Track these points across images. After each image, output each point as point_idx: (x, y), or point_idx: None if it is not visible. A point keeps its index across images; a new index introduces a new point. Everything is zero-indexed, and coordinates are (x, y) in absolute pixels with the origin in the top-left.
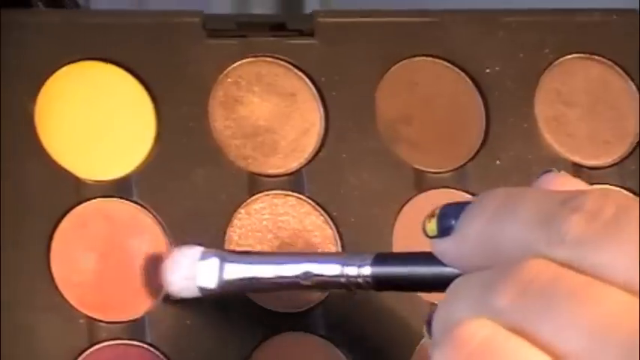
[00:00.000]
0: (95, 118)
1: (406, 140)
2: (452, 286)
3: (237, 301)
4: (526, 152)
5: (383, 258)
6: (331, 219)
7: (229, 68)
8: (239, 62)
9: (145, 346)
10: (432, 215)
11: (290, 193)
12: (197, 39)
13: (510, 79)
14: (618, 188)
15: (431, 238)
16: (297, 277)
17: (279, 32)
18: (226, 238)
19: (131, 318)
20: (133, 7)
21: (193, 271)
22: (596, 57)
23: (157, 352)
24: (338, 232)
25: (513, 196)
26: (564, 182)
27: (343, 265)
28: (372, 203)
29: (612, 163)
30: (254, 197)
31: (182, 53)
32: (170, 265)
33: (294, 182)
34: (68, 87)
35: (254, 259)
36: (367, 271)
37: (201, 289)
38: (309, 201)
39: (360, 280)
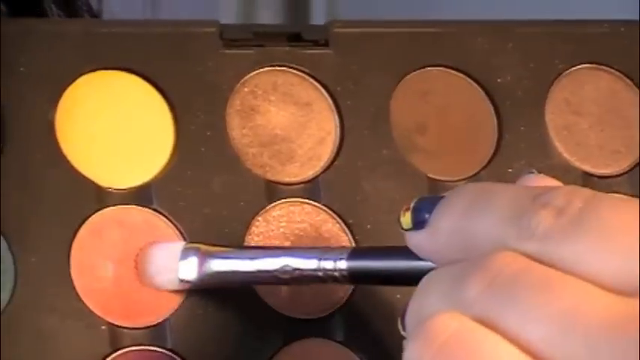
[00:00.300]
0: (114, 126)
1: (420, 149)
2: (424, 279)
3: (257, 307)
4: (537, 161)
5: (359, 252)
6: (347, 227)
7: (246, 77)
8: (255, 72)
9: (166, 351)
10: (407, 209)
11: (306, 201)
12: (214, 49)
13: (521, 88)
14: (629, 197)
15: (406, 230)
16: (275, 270)
17: (295, 42)
18: (244, 245)
19: (152, 323)
20: (145, 11)
21: (175, 264)
22: (605, 67)
23: (178, 358)
24: (354, 239)
25: (486, 191)
26: (543, 183)
27: (320, 259)
28: (387, 211)
29: (622, 172)
30: (272, 205)
31: (199, 62)
32: (152, 257)
33: (310, 190)
34: (88, 95)
35: (234, 253)
36: (343, 265)
37: (182, 282)
38: (326, 209)
39: (336, 273)
